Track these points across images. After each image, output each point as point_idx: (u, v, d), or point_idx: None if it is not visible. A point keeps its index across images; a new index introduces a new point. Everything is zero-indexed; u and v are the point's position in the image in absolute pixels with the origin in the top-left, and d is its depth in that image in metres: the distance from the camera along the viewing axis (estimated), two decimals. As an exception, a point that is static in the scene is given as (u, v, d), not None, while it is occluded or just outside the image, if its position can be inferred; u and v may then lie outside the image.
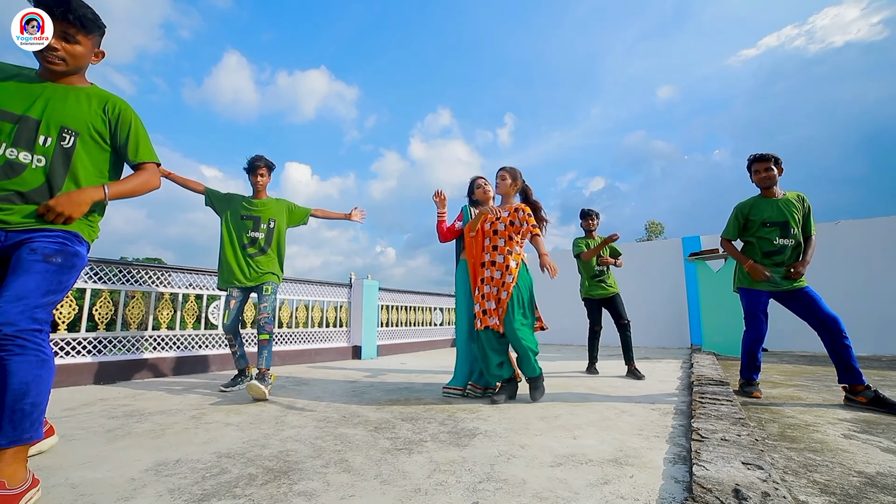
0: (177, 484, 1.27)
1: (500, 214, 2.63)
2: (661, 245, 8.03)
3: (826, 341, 2.47)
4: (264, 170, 3.04)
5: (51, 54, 1.32)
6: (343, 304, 5.53)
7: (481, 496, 1.18)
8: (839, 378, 2.44)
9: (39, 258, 1.24)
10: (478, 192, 3.02)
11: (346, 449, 1.62)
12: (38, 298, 1.20)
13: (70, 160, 1.36)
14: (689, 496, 1.12)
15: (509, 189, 2.88)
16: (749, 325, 2.73)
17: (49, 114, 1.33)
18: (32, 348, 1.16)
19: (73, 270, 1.33)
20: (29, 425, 1.15)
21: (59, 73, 1.37)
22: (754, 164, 2.78)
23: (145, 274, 3.64)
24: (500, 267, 2.64)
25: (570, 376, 3.68)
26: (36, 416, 1.17)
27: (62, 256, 1.29)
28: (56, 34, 1.31)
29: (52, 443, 1.64)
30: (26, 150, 1.29)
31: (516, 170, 2.93)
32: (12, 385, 1.12)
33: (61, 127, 1.34)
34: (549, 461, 1.48)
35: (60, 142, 1.33)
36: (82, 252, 1.38)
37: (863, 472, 1.36)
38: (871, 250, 5.98)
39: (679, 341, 7.18)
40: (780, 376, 3.56)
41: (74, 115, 1.37)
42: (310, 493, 1.21)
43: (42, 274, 1.23)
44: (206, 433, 1.84)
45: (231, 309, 2.92)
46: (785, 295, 2.65)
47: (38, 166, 1.30)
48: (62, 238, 1.32)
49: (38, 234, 1.29)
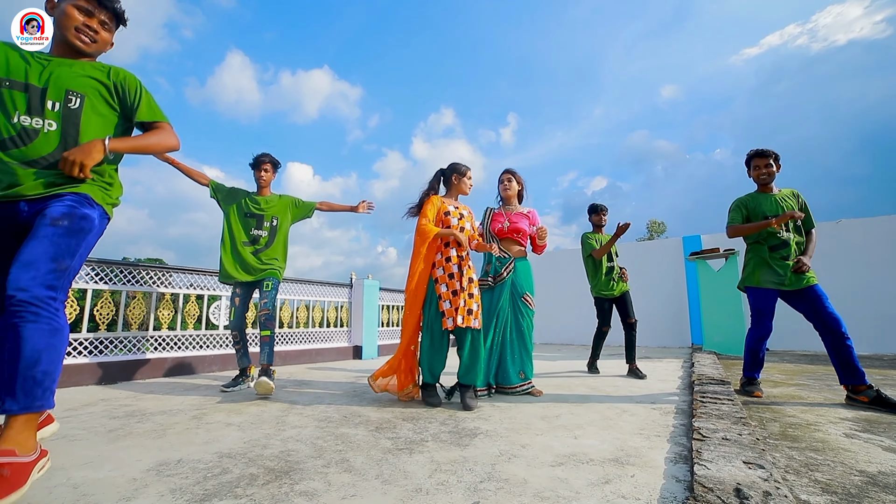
0: (178, 484, 1.27)
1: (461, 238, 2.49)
2: (661, 244, 8.02)
3: (827, 341, 2.45)
4: (268, 165, 3.05)
5: (87, 33, 1.42)
6: (344, 304, 5.53)
7: (482, 496, 1.18)
8: (841, 379, 2.42)
9: (47, 222, 1.25)
10: (500, 186, 3.05)
11: (347, 449, 1.62)
12: (48, 263, 1.20)
13: (79, 121, 1.39)
14: (690, 495, 1.12)
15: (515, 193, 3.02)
16: (755, 324, 2.69)
17: (54, 79, 1.37)
18: (46, 316, 1.17)
19: (80, 234, 1.31)
20: (41, 393, 1.16)
21: (82, 52, 1.44)
22: (754, 160, 2.76)
23: (146, 274, 3.64)
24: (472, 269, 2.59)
25: (571, 376, 3.68)
26: (47, 385, 1.18)
27: (68, 219, 1.28)
28: (96, 20, 1.44)
29: (52, 430, 1.67)
30: (38, 116, 1.33)
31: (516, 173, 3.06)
32: (24, 352, 1.13)
33: (66, 90, 1.38)
34: (550, 461, 1.47)
35: (67, 104, 1.37)
36: (91, 215, 1.36)
37: (864, 472, 1.36)
38: (873, 249, 5.97)
39: (680, 341, 7.18)
40: (782, 375, 3.55)
41: (78, 79, 1.41)
42: (311, 493, 1.21)
43: (49, 238, 1.23)
44: (208, 433, 1.84)
45: (236, 306, 2.95)
46: (793, 293, 2.59)
47: (50, 130, 1.34)
48: (70, 201, 1.32)
49: (51, 200, 1.31)
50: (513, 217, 2.90)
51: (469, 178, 2.72)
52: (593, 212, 3.93)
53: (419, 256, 2.46)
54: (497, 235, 2.88)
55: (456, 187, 2.70)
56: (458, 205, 2.69)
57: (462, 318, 2.38)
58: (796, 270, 2.54)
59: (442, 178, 2.74)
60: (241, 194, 3.03)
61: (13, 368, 1.13)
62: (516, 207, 3.00)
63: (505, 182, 3.01)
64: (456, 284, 2.43)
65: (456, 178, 2.69)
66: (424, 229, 2.47)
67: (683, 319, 7.20)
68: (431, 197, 2.61)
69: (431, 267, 2.49)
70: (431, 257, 2.49)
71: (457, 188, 2.70)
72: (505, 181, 3.01)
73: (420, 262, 2.46)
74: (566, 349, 6.76)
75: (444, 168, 2.75)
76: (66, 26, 1.39)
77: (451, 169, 2.71)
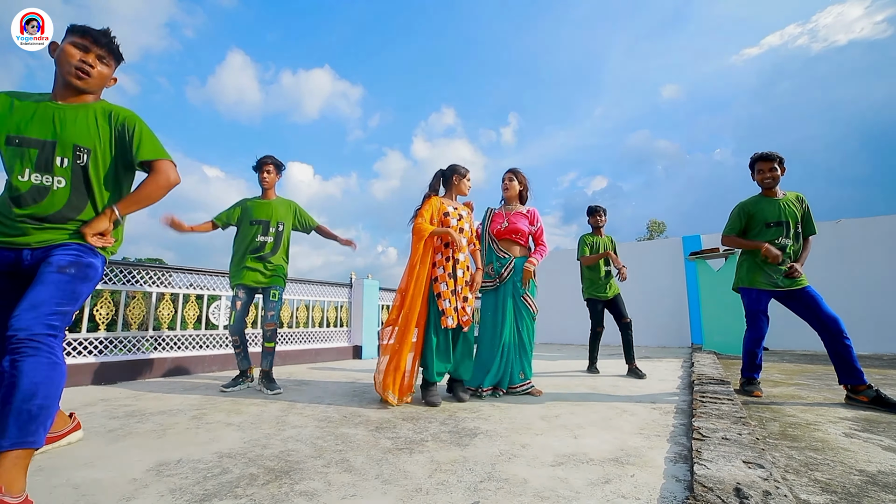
0: (178, 484, 1.27)
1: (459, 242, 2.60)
2: (661, 244, 8.03)
3: (826, 342, 2.46)
4: (271, 167, 3.03)
5: (85, 68, 1.44)
6: (343, 303, 5.53)
7: (482, 496, 1.18)
8: (840, 379, 2.43)
9: (54, 269, 1.31)
10: (502, 185, 3.06)
11: (347, 449, 1.62)
12: (52, 307, 1.25)
13: (87, 177, 1.44)
14: (690, 495, 1.12)
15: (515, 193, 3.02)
16: (750, 325, 2.72)
17: (63, 134, 1.41)
18: (45, 350, 1.19)
19: (86, 281, 1.38)
20: (35, 429, 1.14)
21: (81, 89, 1.46)
22: (758, 164, 2.74)
23: (146, 274, 3.64)
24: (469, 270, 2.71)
25: (570, 376, 3.68)
26: (42, 420, 1.16)
27: (75, 268, 1.35)
28: (93, 56, 1.46)
29: (79, 437, 1.69)
30: (48, 174, 1.38)
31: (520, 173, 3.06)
32: (22, 385, 1.13)
33: (74, 146, 1.42)
34: (550, 460, 1.48)
35: (76, 160, 1.42)
36: (96, 263, 1.44)
37: (864, 471, 1.36)
38: (873, 249, 5.97)
39: (679, 340, 7.18)
40: (781, 375, 3.56)
41: (84, 132, 1.44)
42: (311, 492, 1.21)
43: (56, 284, 1.29)
44: (208, 433, 1.84)
45: (237, 310, 2.94)
46: (785, 295, 2.63)
47: (59, 187, 1.40)
48: (76, 251, 1.39)
49: (56, 249, 1.38)
50: (512, 217, 2.91)
51: (468, 179, 2.80)
52: (591, 213, 3.99)
53: (418, 256, 2.51)
54: (496, 236, 2.90)
55: (456, 188, 2.77)
56: (458, 205, 2.76)
57: (459, 316, 2.53)
58: (788, 276, 2.58)
59: (442, 178, 2.80)
60: (246, 204, 3.03)
61: (8, 402, 1.12)
62: (517, 207, 3.00)
63: (506, 182, 3.02)
64: (453, 284, 2.54)
65: (456, 178, 2.76)
66: (420, 227, 2.52)
67: (683, 319, 7.21)
68: (431, 198, 2.66)
69: (432, 266, 2.55)
70: (432, 258, 2.56)
71: (456, 188, 2.77)
72: (506, 181, 3.02)
73: (420, 262, 2.51)
74: (566, 349, 6.76)
75: (443, 169, 2.81)
76: (65, 64, 1.42)
77: (451, 170, 2.77)
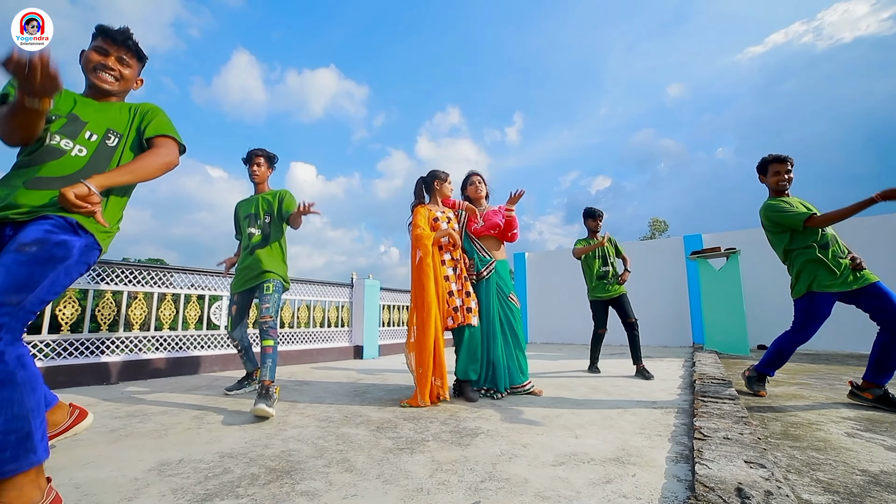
0: (180, 484, 1.27)
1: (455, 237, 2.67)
2: (662, 243, 8.01)
3: (885, 338, 2.28)
4: (262, 159, 2.84)
5: (108, 72, 1.44)
6: (345, 303, 5.53)
7: (483, 495, 1.18)
8: (866, 374, 2.31)
9: (13, 248, 1.06)
10: (470, 188, 3.09)
11: (348, 449, 1.62)
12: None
13: (112, 158, 1.36)
14: (691, 495, 1.11)
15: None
16: (800, 329, 2.51)
17: (96, 118, 1.38)
18: None
19: (50, 263, 1.09)
20: (9, 457, 0.94)
21: (108, 91, 1.45)
22: (772, 165, 2.61)
23: (147, 275, 3.65)
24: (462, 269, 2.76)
25: (571, 376, 3.68)
26: (14, 444, 0.95)
27: (38, 245, 1.08)
28: (112, 59, 1.45)
29: (87, 424, 1.69)
30: (69, 139, 1.29)
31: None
32: None
33: (107, 129, 1.38)
34: (550, 460, 1.47)
35: (105, 140, 1.36)
36: (70, 242, 1.15)
37: (866, 471, 1.35)
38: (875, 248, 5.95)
39: (681, 340, 7.16)
40: (783, 374, 3.55)
41: (118, 120, 1.43)
42: (312, 492, 1.21)
43: (6, 266, 1.03)
44: (209, 433, 1.84)
45: (233, 315, 2.81)
46: (853, 294, 2.39)
47: (79, 155, 1.29)
48: (51, 224, 1.14)
49: (32, 222, 1.14)
50: (486, 215, 2.97)
51: (449, 182, 2.88)
52: (587, 217, 3.96)
53: (426, 262, 2.54)
54: (475, 235, 2.93)
55: (439, 192, 2.84)
56: (444, 209, 2.83)
57: (462, 315, 2.56)
58: (855, 268, 2.39)
59: (424, 186, 2.87)
60: (238, 203, 2.93)
61: None
62: (486, 207, 3.08)
63: (477, 184, 3.08)
64: (455, 284, 2.61)
65: (438, 183, 2.83)
66: (421, 235, 2.58)
67: (684, 319, 7.19)
68: (419, 208, 2.74)
69: (441, 265, 2.63)
70: (438, 259, 2.62)
71: (440, 193, 2.84)
72: (476, 182, 3.08)
73: (430, 268, 2.54)
74: (567, 349, 6.76)
75: (424, 177, 2.89)
76: (89, 68, 1.43)
77: (432, 176, 2.85)
